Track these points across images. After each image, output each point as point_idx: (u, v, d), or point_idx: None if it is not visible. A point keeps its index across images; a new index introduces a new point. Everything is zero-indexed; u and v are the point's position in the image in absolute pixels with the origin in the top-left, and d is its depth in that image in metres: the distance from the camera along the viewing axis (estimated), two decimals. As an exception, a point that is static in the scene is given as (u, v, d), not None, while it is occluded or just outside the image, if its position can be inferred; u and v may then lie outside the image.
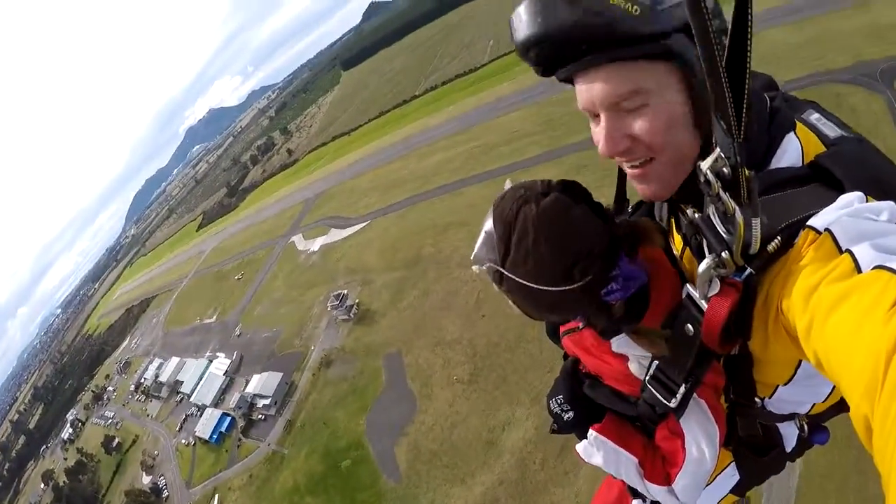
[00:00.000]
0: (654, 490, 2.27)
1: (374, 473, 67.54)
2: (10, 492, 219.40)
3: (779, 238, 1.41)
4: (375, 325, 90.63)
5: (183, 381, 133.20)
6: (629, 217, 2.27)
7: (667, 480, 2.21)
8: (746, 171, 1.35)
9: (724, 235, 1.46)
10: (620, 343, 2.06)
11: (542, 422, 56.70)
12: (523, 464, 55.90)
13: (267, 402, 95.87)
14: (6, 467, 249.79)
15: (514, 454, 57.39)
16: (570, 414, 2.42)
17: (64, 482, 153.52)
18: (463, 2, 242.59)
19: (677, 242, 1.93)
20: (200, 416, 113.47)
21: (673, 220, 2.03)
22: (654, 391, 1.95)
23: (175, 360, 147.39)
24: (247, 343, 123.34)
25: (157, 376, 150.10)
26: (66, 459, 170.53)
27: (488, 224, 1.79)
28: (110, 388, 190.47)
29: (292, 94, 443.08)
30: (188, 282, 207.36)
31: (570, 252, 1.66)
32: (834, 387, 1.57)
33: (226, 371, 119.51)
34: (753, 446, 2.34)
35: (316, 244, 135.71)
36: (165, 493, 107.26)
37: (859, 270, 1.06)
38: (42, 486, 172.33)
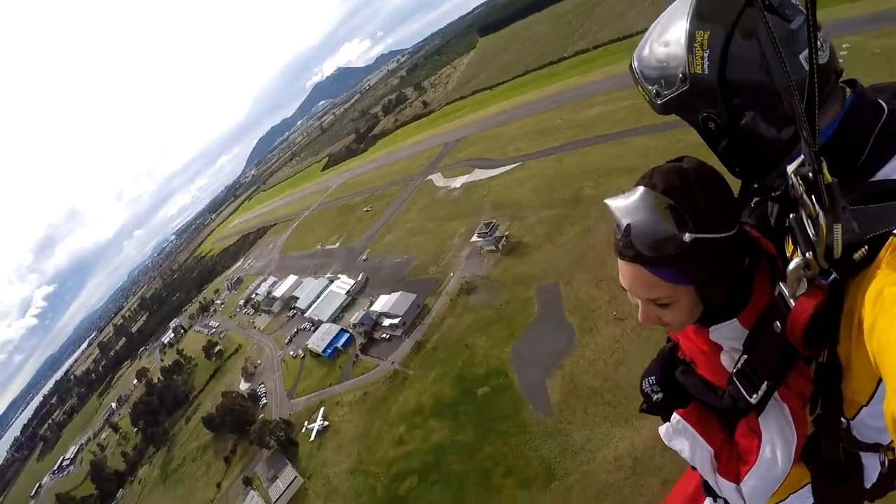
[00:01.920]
0: (724, 486, 2.36)
1: (518, 404, 61.22)
2: (102, 386, 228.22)
3: (866, 247, 1.47)
4: (527, 258, 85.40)
5: (298, 298, 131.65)
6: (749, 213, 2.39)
7: (737, 478, 2.30)
8: (829, 177, 1.45)
9: (811, 237, 1.53)
10: (719, 333, 2.17)
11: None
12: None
13: (395, 321, 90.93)
14: (102, 364, 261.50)
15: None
16: (660, 395, 2.65)
17: (158, 379, 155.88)
18: None
19: (791, 244, 1.90)
20: (314, 330, 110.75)
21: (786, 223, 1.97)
22: (738, 384, 2.05)
23: (292, 278, 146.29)
24: (374, 267, 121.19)
25: (269, 292, 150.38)
26: (162, 360, 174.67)
27: (655, 202, 1.87)
28: (218, 302, 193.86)
29: (424, 57, 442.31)
30: (310, 212, 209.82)
31: (731, 191, 1.95)
32: None
33: (348, 291, 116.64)
34: (833, 471, 2.34)
35: (458, 181, 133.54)
36: (263, 401, 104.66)
37: None
38: (135, 381, 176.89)
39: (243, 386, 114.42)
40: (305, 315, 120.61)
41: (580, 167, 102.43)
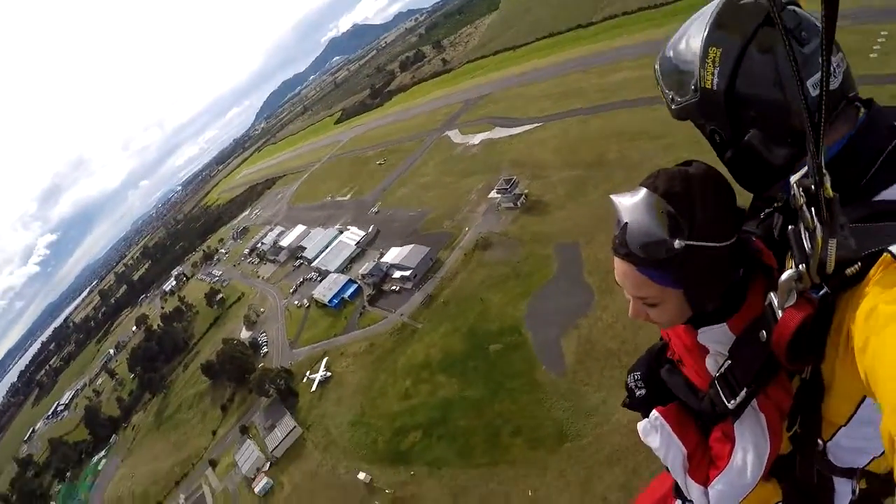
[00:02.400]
0: (693, 488, 2.40)
1: (531, 362, 59.23)
2: (101, 332, 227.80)
3: (859, 264, 1.47)
4: (547, 216, 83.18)
5: (306, 248, 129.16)
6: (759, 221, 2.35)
7: (706, 481, 2.33)
8: (830, 192, 1.47)
9: (806, 250, 1.54)
10: (707, 335, 2.20)
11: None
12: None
13: (406, 273, 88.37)
14: (102, 311, 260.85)
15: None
16: (643, 392, 2.68)
17: (158, 326, 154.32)
18: None
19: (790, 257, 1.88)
20: (321, 280, 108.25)
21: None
22: (718, 388, 2.07)
23: (300, 228, 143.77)
24: (385, 219, 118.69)
25: (276, 242, 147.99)
26: (163, 308, 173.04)
27: (654, 206, 1.89)
28: (222, 251, 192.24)
29: (444, 16, 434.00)
30: (321, 165, 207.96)
31: (734, 202, 1.94)
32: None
33: (358, 242, 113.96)
34: (805, 493, 2.38)
35: (476, 138, 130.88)
36: (265, 350, 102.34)
37: None
38: (134, 328, 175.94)
39: (245, 334, 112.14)
40: (312, 265, 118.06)
41: (604, 130, 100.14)
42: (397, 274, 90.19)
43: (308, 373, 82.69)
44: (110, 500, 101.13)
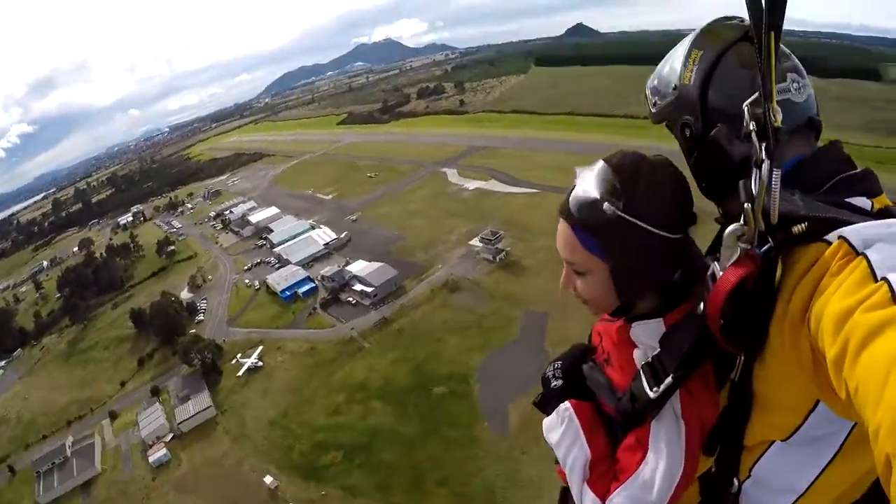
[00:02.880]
0: (587, 498, 2.20)
1: (474, 416, 58.04)
2: (42, 241, 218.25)
3: (805, 224, 1.43)
4: (522, 279, 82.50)
5: (273, 231, 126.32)
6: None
7: (605, 494, 2.14)
8: (778, 121, 1.53)
9: (752, 189, 1.52)
10: (639, 329, 2.08)
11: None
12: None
13: (367, 289, 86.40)
14: (50, 220, 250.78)
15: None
16: (559, 383, 2.44)
17: (101, 255, 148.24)
18: None
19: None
20: (278, 268, 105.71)
21: None
22: (642, 377, 1.93)
23: (272, 210, 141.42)
24: (360, 231, 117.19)
25: (244, 215, 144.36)
26: (111, 239, 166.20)
27: (601, 170, 1.90)
28: (189, 205, 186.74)
29: (474, 61, 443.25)
30: (312, 157, 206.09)
31: (685, 199, 1.91)
32: (814, 480, 1.67)
33: (327, 243, 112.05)
34: None
35: (472, 184, 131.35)
36: (200, 317, 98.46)
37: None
38: (75, 249, 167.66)
39: (185, 295, 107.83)
40: (274, 250, 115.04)
41: None
42: (358, 287, 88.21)
43: (239, 356, 79.43)
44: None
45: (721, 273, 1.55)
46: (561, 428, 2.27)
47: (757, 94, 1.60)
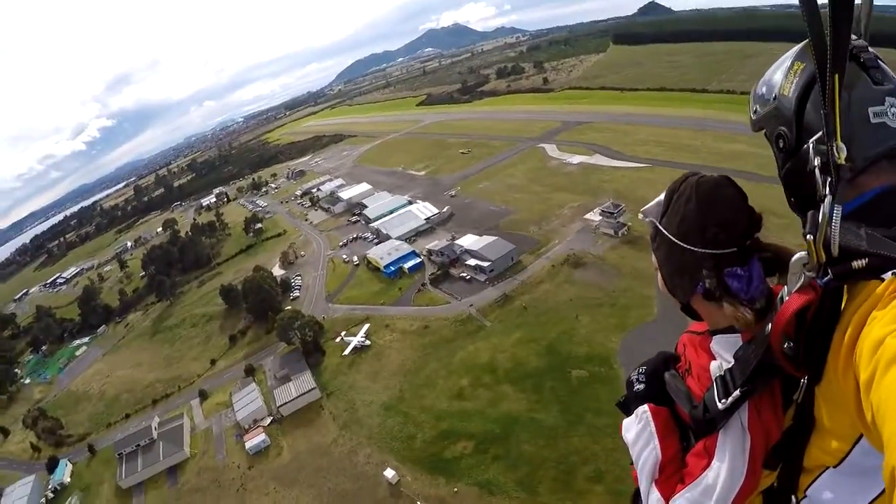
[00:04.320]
0: (653, 497, 2.37)
1: (618, 396, 48.25)
2: (125, 224, 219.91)
3: (866, 260, 1.49)
4: (649, 256, 71.98)
5: (367, 206, 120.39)
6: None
7: (671, 495, 2.30)
8: (842, 158, 1.60)
9: (817, 221, 1.60)
10: (718, 342, 2.24)
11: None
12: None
13: (483, 264, 79.04)
14: (133, 205, 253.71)
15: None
16: (642, 387, 2.66)
17: (186, 233, 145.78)
18: (758, 38, 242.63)
19: None
20: (377, 243, 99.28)
21: None
22: (714, 388, 2.08)
23: (364, 186, 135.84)
24: (462, 205, 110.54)
25: (334, 192, 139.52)
26: (195, 220, 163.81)
27: (662, 194, 2.30)
28: (273, 185, 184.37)
29: (548, 42, 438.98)
30: (397, 136, 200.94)
31: (711, 215, 2.10)
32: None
33: (429, 217, 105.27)
34: None
35: (575, 159, 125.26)
36: (295, 294, 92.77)
37: None
38: (160, 229, 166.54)
39: (277, 271, 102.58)
40: (371, 225, 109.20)
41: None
42: (472, 261, 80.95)
43: (343, 334, 73.08)
44: (76, 391, 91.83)
45: (787, 297, 1.70)
46: (637, 428, 2.45)
47: (822, 132, 1.64)
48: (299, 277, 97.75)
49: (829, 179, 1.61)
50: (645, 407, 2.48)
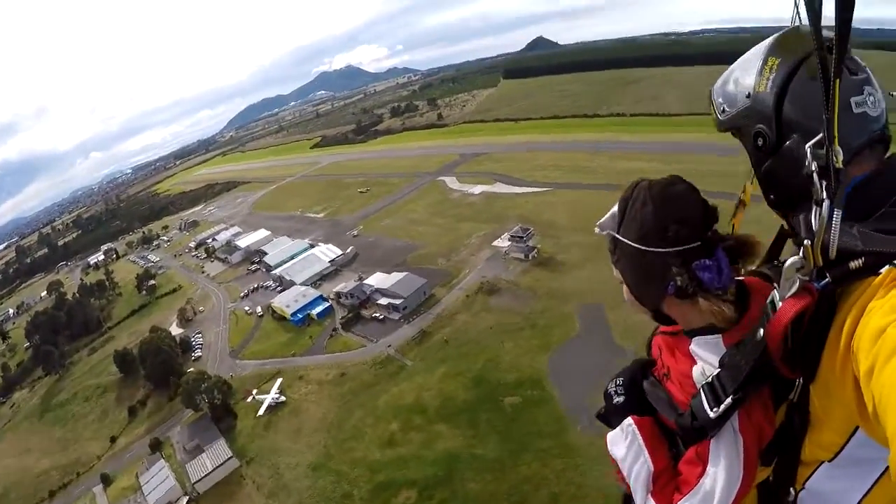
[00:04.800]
0: None
1: (561, 422, 50.94)
2: (6, 289, 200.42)
3: (862, 259, 1.49)
4: (564, 274, 76.99)
5: (267, 253, 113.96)
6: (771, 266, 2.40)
7: None
8: (840, 162, 1.57)
9: (813, 225, 1.59)
10: (698, 344, 2.16)
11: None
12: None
13: (395, 302, 75.76)
14: (14, 268, 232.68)
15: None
16: (621, 399, 2.53)
17: (74, 296, 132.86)
18: (639, 65, 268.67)
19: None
20: (281, 290, 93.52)
21: None
22: (703, 396, 1.99)
23: (262, 233, 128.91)
24: (366, 244, 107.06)
25: (231, 241, 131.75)
26: (83, 280, 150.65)
27: (614, 206, 2.23)
28: (164, 238, 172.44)
29: (440, 80, 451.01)
30: (293, 180, 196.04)
31: (669, 213, 2.03)
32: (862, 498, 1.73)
33: (333, 259, 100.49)
34: None
35: (476, 189, 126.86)
36: (197, 353, 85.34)
37: None
38: (44, 293, 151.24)
39: (176, 330, 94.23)
40: (273, 273, 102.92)
41: None
42: (383, 300, 77.45)
43: (255, 392, 66.90)
44: (-49, 491, 79.47)
45: (780, 303, 1.65)
46: (625, 443, 2.35)
47: (820, 136, 1.61)
48: (200, 335, 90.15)
49: (828, 183, 1.58)
50: (629, 420, 2.37)
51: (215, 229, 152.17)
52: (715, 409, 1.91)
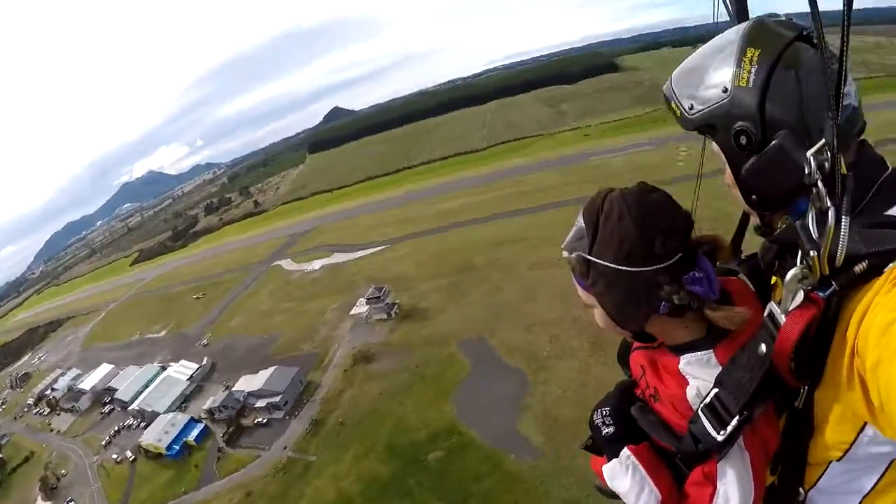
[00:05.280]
0: None
1: (492, 458, 50.65)
2: None
3: (867, 262, 1.44)
4: (431, 321, 78.80)
5: (117, 389, 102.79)
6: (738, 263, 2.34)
7: None
8: (844, 168, 1.49)
9: (815, 237, 1.52)
10: (689, 362, 2.01)
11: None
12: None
13: (274, 400, 71.88)
14: None
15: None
16: (611, 429, 2.34)
17: None
18: (438, 111, 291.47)
19: (779, 292, 1.79)
20: (146, 426, 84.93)
21: (777, 268, 2.03)
22: (704, 420, 1.85)
23: (105, 367, 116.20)
24: (221, 351, 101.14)
25: (72, 386, 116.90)
26: None
27: (579, 217, 1.97)
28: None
29: (247, 168, 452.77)
30: (120, 303, 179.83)
31: (653, 225, 1.81)
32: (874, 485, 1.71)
33: (190, 377, 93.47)
34: None
35: (315, 264, 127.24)
36: (77, 524, 74.30)
37: None
38: None
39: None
40: (130, 408, 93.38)
41: (462, 243, 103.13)
42: (261, 402, 73.05)
43: (158, 549, 59.90)
44: None
45: (784, 316, 1.56)
46: (627, 476, 2.20)
47: (821, 143, 1.52)
48: (73, 503, 79.52)
49: (833, 191, 1.50)
50: (627, 451, 2.19)
51: (52, 377, 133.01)
52: (721, 432, 1.77)
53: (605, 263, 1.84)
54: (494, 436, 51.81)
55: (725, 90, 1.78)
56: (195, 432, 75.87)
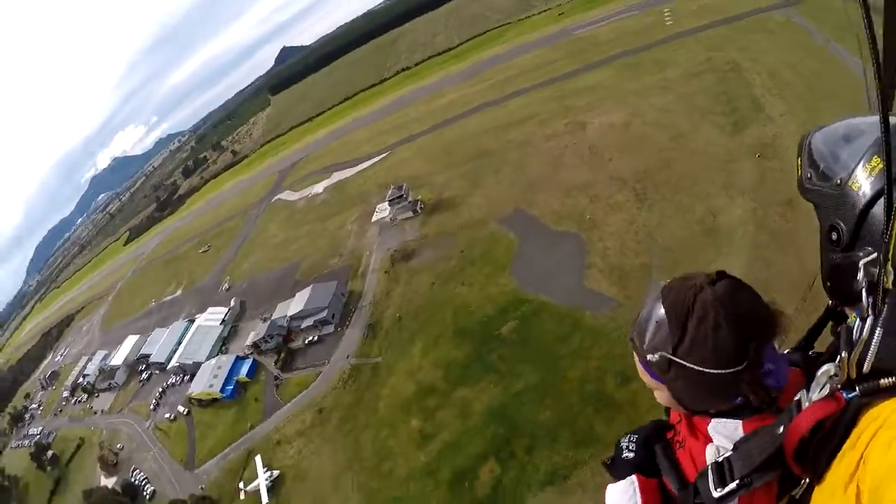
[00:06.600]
0: None
1: (568, 316, 47.16)
2: None
3: (893, 378, 1.43)
4: (462, 207, 73.85)
5: (150, 354, 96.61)
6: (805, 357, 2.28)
7: None
8: (890, 283, 1.50)
9: (853, 339, 1.54)
10: (717, 426, 2.06)
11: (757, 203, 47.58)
12: (762, 224, 45.54)
13: (322, 316, 66.39)
14: None
15: (744, 227, 46.43)
16: (630, 455, 2.42)
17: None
18: (393, 25, 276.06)
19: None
20: (189, 379, 79.75)
21: None
22: (709, 474, 1.88)
23: (132, 339, 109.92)
24: (245, 291, 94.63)
25: (102, 367, 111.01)
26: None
27: (659, 311, 1.92)
28: (33, 406, 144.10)
29: (212, 126, 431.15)
30: (126, 280, 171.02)
31: (745, 333, 1.79)
32: None
33: (222, 321, 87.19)
34: None
35: (318, 187, 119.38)
36: (150, 489, 69.43)
37: None
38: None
39: (108, 480, 77.21)
40: (169, 367, 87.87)
41: (467, 133, 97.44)
42: (307, 322, 67.38)
43: (241, 485, 54.53)
44: None
45: (806, 405, 1.61)
46: (624, 497, 2.25)
47: (875, 255, 1.55)
48: (138, 472, 73.76)
49: (874, 301, 1.51)
50: (633, 479, 2.23)
51: (80, 365, 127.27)
52: (719, 490, 1.79)
53: (692, 367, 1.82)
54: (566, 297, 48.63)
55: (839, 184, 1.75)
56: (245, 368, 70.88)
